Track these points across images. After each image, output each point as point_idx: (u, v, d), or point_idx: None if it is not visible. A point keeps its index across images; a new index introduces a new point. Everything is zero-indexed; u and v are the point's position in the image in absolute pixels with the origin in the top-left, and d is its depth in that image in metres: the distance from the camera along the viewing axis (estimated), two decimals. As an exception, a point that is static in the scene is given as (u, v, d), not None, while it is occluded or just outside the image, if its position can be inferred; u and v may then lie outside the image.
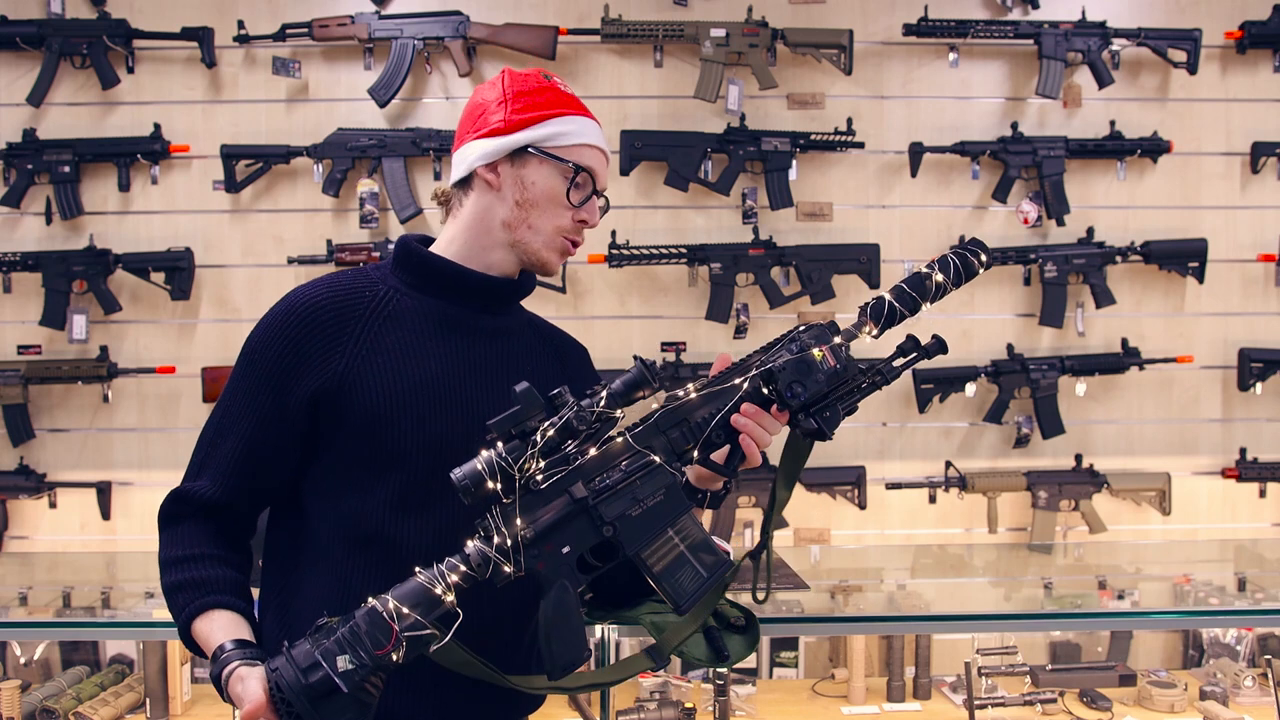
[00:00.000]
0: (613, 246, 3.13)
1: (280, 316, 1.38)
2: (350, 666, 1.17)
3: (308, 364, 1.35)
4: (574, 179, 1.43)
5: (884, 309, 1.34)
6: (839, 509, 3.27)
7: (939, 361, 3.23)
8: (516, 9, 3.24)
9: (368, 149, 3.15)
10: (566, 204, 1.43)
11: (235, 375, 1.40)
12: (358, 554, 1.37)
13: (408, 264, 1.44)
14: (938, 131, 3.27)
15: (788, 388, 1.31)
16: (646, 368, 1.28)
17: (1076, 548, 3.26)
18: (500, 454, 1.24)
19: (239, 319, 3.24)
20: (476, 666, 1.30)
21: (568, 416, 1.25)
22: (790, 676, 2.96)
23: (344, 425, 1.36)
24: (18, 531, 3.23)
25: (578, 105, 1.47)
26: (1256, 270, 3.35)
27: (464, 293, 1.44)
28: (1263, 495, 3.34)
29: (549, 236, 1.44)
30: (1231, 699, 2.66)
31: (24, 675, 2.74)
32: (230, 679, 1.24)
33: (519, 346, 1.49)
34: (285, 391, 1.36)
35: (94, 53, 3.13)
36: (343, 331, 1.37)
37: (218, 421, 1.40)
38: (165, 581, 1.39)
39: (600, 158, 1.46)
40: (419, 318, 1.41)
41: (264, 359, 1.37)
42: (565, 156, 1.42)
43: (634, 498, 1.29)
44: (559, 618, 1.27)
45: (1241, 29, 3.26)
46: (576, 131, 1.44)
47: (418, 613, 1.21)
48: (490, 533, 1.26)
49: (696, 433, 1.32)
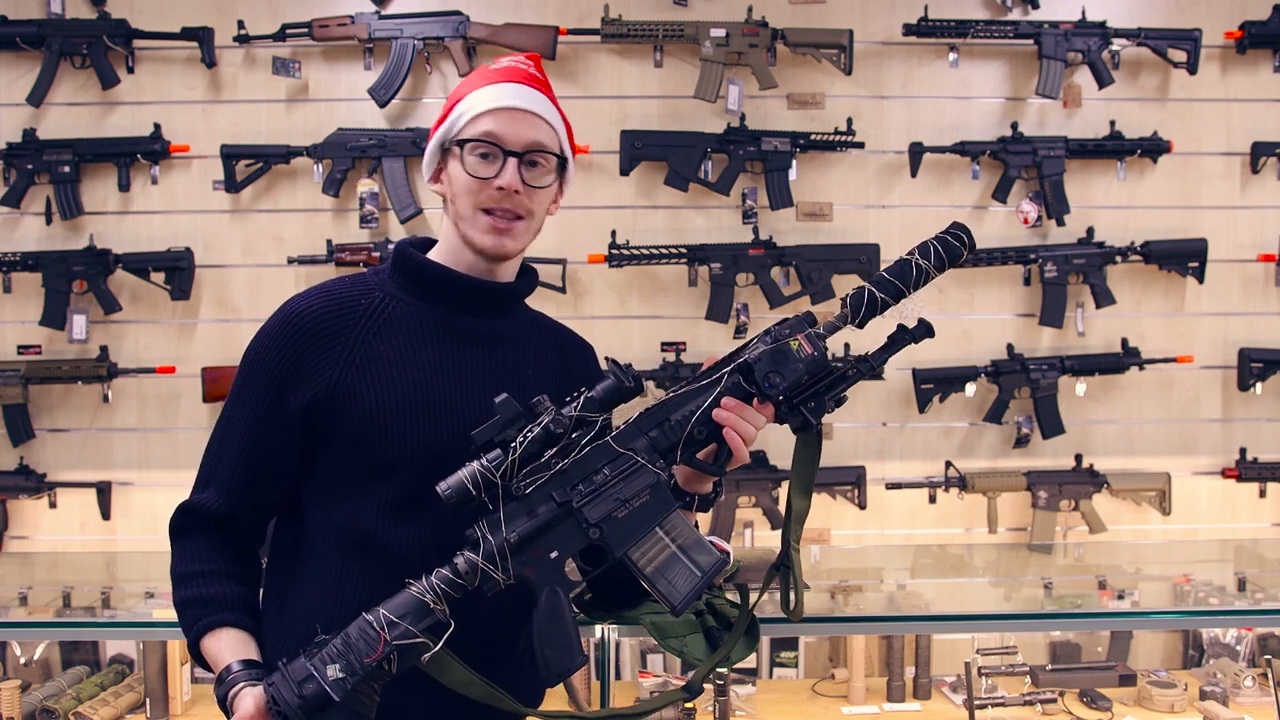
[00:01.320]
0: (613, 246, 3.13)
1: (275, 327, 1.39)
2: (340, 675, 1.19)
3: (303, 374, 1.36)
4: (462, 154, 1.38)
5: (864, 298, 1.34)
6: (839, 509, 3.27)
7: (939, 361, 3.27)
8: (516, 9, 3.24)
9: (368, 149, 3.15)
10: (479, 180, 1.38)
11: (235, 386, 1.41)
12: (352, 560, 1.37)
13: (404, 269, 1.44)
14: (938, 131, 3.27)
15: (765, 378, 1.31)
16: (621, 371, 1.29)
17: (1076, 548, 3.26)
18: (484, 464, 1.25)
19: (239, 319, 3.24)
20: (478, 685, 1.30)
21: (545, 423, 1.26)
22: (790, 676, 2.96)
23: (338, 434, 1.36)
24: (18, 531, 3.23)
25: (488, 76, 1.42)
26: (1256, 270, 3.35)
27: (460, 298, 1.43)
28: (1263, 495, 3.34)
29: (471, 219, 1.40)
30: (1231, 699, 2.66)
31: (24, 675, 2.73)
32: (235, 700, 1.27)
33: (518, 351, 1.47)
34: (282, 402, 1.36)
35: (94, 53, 3.13)
36: (337, 340, 1.37)
37: (221, 433, 1.41)
38: (176, 596, 1.40)
39: (505, 117, 1.38)
40: (415, 324, 1.41)
41: (260, 370, 1.38)
42: (464, 136, 1.39)
43: (619, 499, 1.29)
44: (551, 623, 1.28)
45: (1241, 29, 3.26)
46: (471, 106, 1.40)
47: (407, 621, 1.22)
48: (478, 541, 1.26)
49: (678, 430, 1.31)
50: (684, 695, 1.46)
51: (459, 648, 1.26)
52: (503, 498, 1.26)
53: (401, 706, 1.34)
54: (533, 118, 1.40)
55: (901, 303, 1.34)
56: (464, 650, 1.28)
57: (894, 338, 1.37)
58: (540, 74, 1.46)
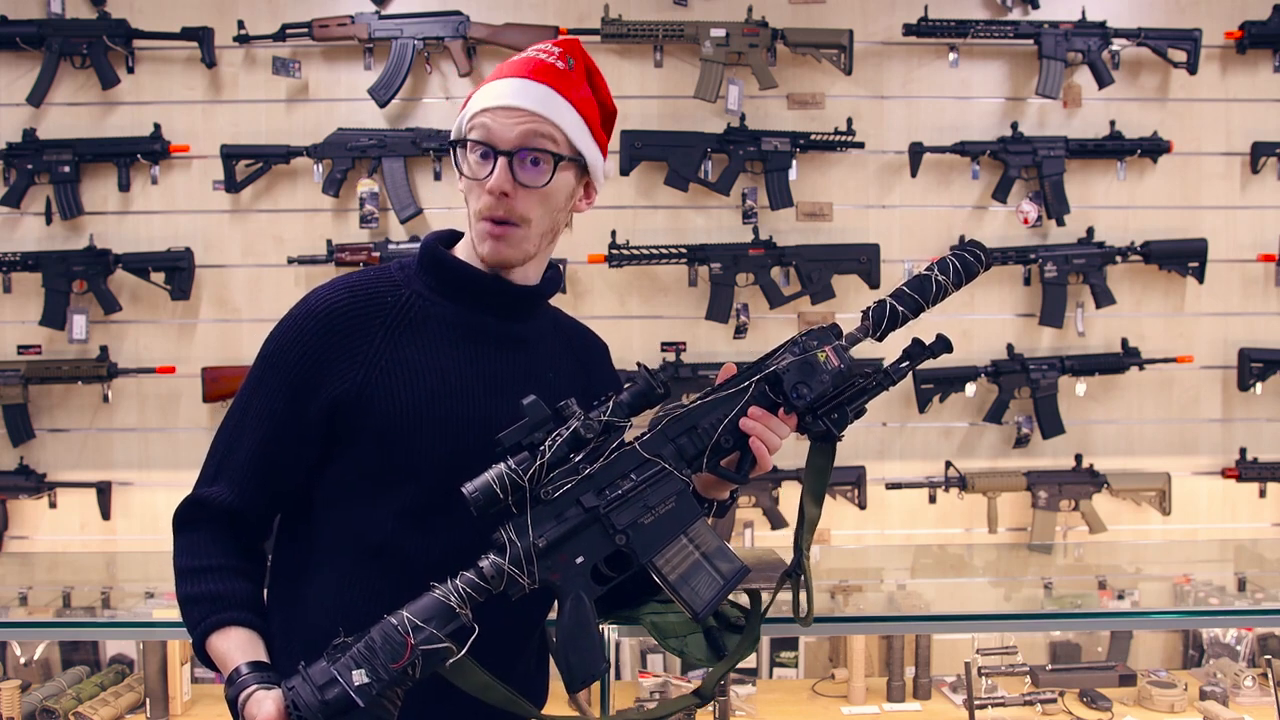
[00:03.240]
0: (613, 246, 3.13)
1: (299, 320, 1.34)
2: (366, 681, 1.17)
3: (327, 370, 1.32)
4: (465, 155, 1.33)
5: (885, 311, 1.34)
6: (839, 509, 3.27)
7: (939, 361, 3.23)
8: (516, 9, 3.24)
9: (368, 149, 3.15)
10: (477, 183, 1.33)
11: (252, 379, 1.37)
12: (365, 564, 1.34)
13: (432, 268, 1.39)
14: (938, 131, 3.27)
15: (793, 389, 1.31)
16: (651, 376, 1.28)
17: (1076, 548, 3.27)
18: (511, 466, 1.23)
19: (239, 319, 3.24)
20: (497, 690, 1.29)
21: (575, 427, 1.25)
22: (790, 676, 2.96)
23: (361, 435, 1.33)
24: (18, 531, 3.23)
25: (500, 71, 1.37)
26: (1256, 270, 3.35)
27: (486, 300, 1.39)
28: (1263, 495, 3.34)
29: (473, 224, 1.35)
30: (1231, 699, 2.66)
31: (24, 675, 2.73)
32: (247, 703, 1.24)
33: (540, 355, 1.44)
34: (304, 397, 1.32)
35: (94, 53, 3.13)
36: (363, 338, 1.33)
37: (233, 426, 1.37)
38: (180, 592, 1.35)
39: (499, 115, 1.31)
40: (441, 325, 1.37)
41: (283, 363, 1.33)
42: (464, 136, 1.34)
43: (645, 505, 1.28)
44: (576, 630, 1.26)
45: (1241, 29, 3.26)
46: (474, 104, 1.34)
47: (432, 625, 1.20)
48: (504, 545, 1.25)
49: (705, 438, 1.31)
50: (695, 701, 1.46)
51: (474, 652, 1.24)
52: (530, 501, 1.25)
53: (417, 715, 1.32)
54: (526, 115, 1.32)
55: None
56: (478, 654, 1.25)
57: (912, 353, 1.37)
58: (564, 62, 1.37)
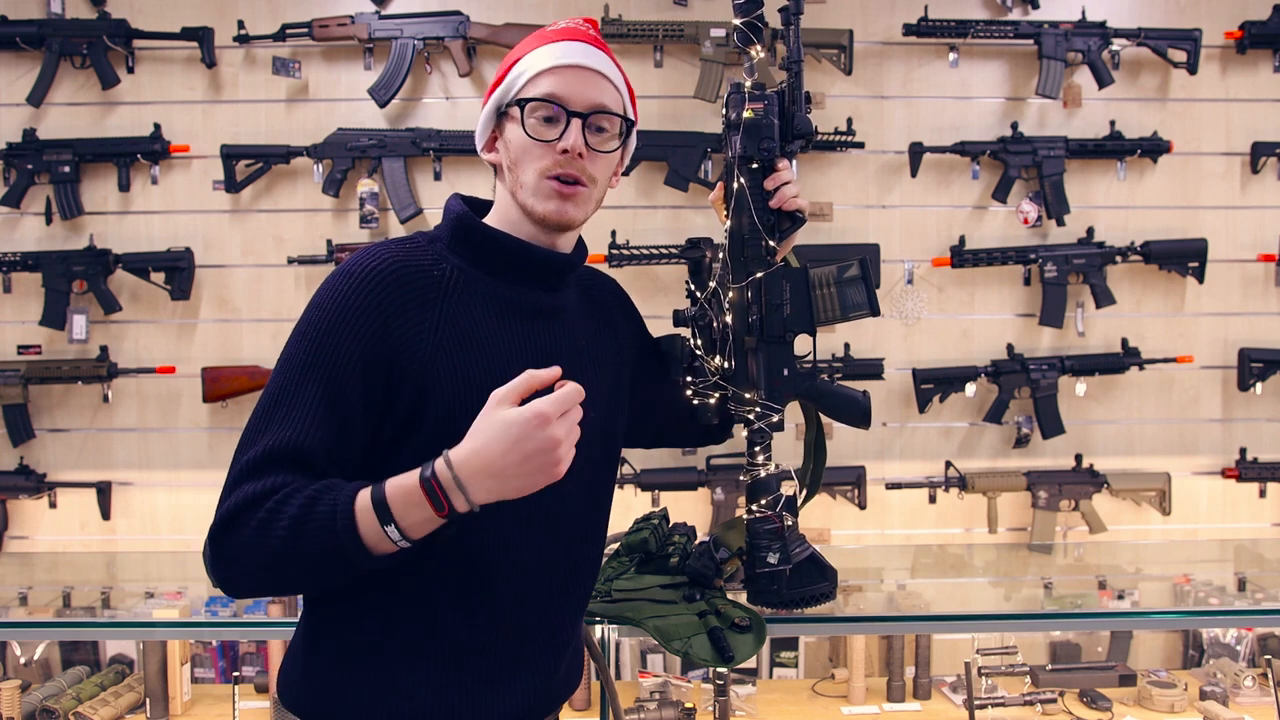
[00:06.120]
0: (613, 246, 3.13)
1: (359, 282, 1.23)
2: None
3: (392, 341, 1.22)
4: (523, 116, 1.30)
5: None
6: (839, 509, 3.27)
7: (939, 361, 3.27)
8: (516, 9, 3.24)
9: (368, 149, 3.15)
10: (541, 144, 1.30)
11: (299, 337, 1.24)
12: (439, 560, 1.25)
13: (469, 240, 1.33)
14: (938, 131, 3.27)
15: (758, 150, 1.57)
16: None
17: (1076, 548, 3.27)
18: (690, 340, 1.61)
19: (239, 319, 3.24)
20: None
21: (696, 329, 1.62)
22: (790, 676, 2.96)
23: (422, 420, 1.24)
24: (18, 531, 3.23)
25: (548, 36, 1.35)
26: (1256, 270, 3.35)
27: (526, 271, 1.34)
28: (1263, 495, 3.34)
29: (533, 185, 1.31)
30: (1231, 699, 2.66)
31: (24, 675, 2.74)
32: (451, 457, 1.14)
33: (574, 323, 1.41)
34: (364, 365, 1.21)
35: (94, 53, 3.13)
36: (422, 311, 1.25)
37: (296, 377, 1.22)
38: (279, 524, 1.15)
39: (567, 75, 1.30)
40: (483, 300, 1.31)
41: (343, 324, 1.21)
42: (525, 96, 1.31)
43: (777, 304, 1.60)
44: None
45: (1241, 29, 3.26)
46: (532, 65, 1.32)
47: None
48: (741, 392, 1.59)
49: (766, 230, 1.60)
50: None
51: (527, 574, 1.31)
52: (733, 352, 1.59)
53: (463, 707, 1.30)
54: (597, 77, 1.33)
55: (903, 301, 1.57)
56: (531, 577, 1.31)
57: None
58: (599, 35, 1.39)
